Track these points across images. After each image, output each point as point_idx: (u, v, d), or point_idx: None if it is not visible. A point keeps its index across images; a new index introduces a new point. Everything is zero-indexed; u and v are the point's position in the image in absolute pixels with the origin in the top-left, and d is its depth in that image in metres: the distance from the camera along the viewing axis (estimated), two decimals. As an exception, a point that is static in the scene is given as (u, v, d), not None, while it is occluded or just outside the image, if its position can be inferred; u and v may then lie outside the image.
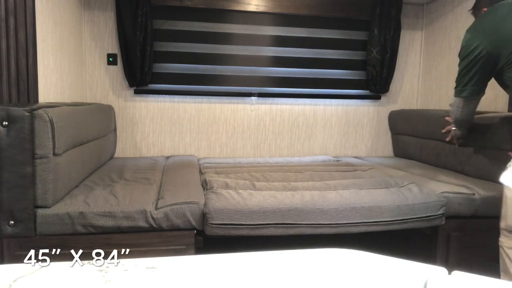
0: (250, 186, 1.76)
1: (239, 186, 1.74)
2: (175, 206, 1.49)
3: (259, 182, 1.84)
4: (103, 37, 2.61)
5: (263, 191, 1.70)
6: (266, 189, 1.73)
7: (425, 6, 2.96)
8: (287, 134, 2.92)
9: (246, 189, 1.71)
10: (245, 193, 1.64)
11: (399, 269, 0.68)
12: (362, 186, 1.82)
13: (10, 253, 1.38)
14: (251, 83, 2.83)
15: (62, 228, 1.41)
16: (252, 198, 1.60)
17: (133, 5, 2.48)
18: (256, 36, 2.79)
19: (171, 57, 2.70)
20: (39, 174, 1.37)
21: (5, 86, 1.57)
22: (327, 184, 1.82)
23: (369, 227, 1.66)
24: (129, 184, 1.74)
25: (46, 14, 1.86)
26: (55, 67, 2.00)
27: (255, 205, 1.57)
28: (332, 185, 1.81)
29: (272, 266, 0.71)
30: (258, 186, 1.76)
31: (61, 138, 1.44)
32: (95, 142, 1.98)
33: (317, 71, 2.90)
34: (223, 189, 1.68)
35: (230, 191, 1.65)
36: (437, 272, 0.65)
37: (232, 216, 1.53)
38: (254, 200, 1.59)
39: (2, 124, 1.30)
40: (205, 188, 1.75)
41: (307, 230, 1.62)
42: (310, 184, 1.83)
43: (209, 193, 1.63)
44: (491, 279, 0.62)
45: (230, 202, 1.56)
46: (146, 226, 1.45)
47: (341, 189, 1.77)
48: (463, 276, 0.63)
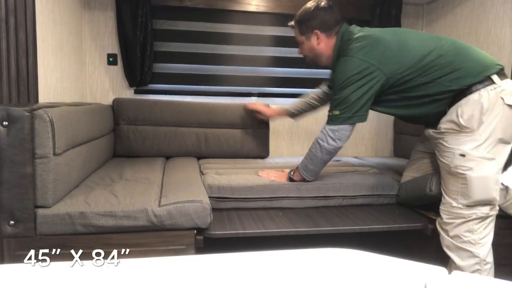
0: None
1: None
2: (178, 204, 1.48)
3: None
4: (103, 37, 2.61)
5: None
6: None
7: (425, 6, 2.95)
8: (287, 134, 2.92)
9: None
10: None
11: (399, 269, 0.68)
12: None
13: (10, 253, 1.38)
14: (251, 83, 2.83)
15: (62, 228, 1.41)
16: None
17: (133, 5, 2.48)
18: (256, 36, 2.79)
19: (171, 57, 2.70)
20: (39, 174, 1.37)
21: (5, 86, 1.57)
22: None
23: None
24: (130, 183, 1.74)
25: (46, 14, 1.86)
26: (55, 67, 2.00)
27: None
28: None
29: (272, 266, 0.71)
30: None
31: (61, 138, 1.44)
32: (95, 142, 1.98)
33: (317, 71, 2.89)
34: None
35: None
36: (437, 272, 0.65)
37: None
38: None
39: (2, 124, 1.30)
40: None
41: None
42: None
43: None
44: (491, 279, 0.62)
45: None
46: (147, 225, 1.45)
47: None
48: (463, 276, 0.63)
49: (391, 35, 1.65)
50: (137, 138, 2.51)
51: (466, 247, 1.52)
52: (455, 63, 1.55)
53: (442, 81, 1.57)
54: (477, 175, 1.49)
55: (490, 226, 1.55)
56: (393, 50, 1.61)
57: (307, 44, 1.84)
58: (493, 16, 2.28)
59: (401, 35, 1.66)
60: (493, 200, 1.51)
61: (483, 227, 1.53)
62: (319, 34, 1.78)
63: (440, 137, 1.61)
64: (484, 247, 1.52)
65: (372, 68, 1.59)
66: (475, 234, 1.52)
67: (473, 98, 1.52)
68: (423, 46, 1.60)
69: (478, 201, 1.51)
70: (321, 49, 1.81)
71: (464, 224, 1.53)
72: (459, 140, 1.54)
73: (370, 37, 1.65)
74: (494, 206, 1.53)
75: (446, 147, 1.58)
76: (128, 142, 2.51)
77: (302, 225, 1.64)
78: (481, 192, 1.50)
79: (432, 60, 1.57)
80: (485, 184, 1.49)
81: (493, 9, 2.28)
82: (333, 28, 1.77)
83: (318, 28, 1.77)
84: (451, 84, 1.55)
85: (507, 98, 1.49)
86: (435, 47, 1.59)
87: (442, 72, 1.56)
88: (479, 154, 1.50)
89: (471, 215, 1.52)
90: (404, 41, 1.63)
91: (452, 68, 1.55)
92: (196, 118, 2.57)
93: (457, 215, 1.55)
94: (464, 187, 1.52)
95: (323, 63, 1.87)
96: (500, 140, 1.50)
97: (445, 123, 1.58)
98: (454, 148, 1.55)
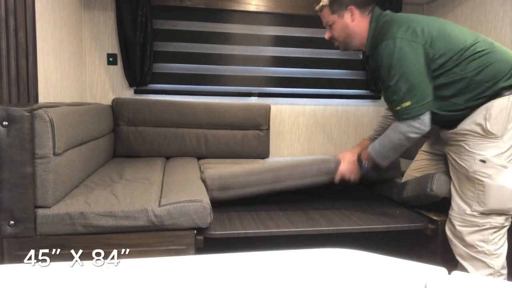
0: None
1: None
2: (179, 204, 1.48)
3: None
4: (103, 37, 2.61)
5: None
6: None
7: (425, 6, 2.96)
8: (287, 134, 2.92)
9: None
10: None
11: (399, 269, 0.68)
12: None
13: (10, 253, 1.38)
14: (251, 83, 2.83)
15: (62, 228, 1.41)
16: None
17: (133, 5, 2.48)
18: (256, 36, 2.79)
19: (171, 57, 2.71)
20: (39, 174, 1.37)
21: (5, 86, 1.57)
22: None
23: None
24: (130, 184, 1.74)
25: (46, 14, 1.86)
26: (55, 67, 2.00)
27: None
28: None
29: (272, 266, 0.71)
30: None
31: (61, 138, 1.44)
32: (95, 142, 1.98)
33: (317, 71, 2.90)
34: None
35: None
36: (437, 272, 0.65)
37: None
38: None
39: (2, 124, 1.30)
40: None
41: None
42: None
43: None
44: (491, 279, 0.62)
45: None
46: (147, 225, 1.45)
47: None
48: (463, 276, 0.63)
49: (431, 21, 1.55)
50: (137, 139, 2.51)
51: (480, 258, 1.47)
52: (492, 63, 1.45)
53: (477, 80, 1.46)
54: (495, 183, 1.43)
55: (505, 237, 1.50)
56: (438, 35, 1.48)
57: (339, 23, 1.67)
58: (493, 16, 2.28)
59: (441, 23, 1.56)
60: (508, 210, 1.47)
61: (498, 237, 1.47)
62: (354, 10, 1.63)
63: (461, 139, 1.52)
64: (499, 259, 1.47)
65: (419, 45, 1.47)
66: (490, 244, 1.47)
67: (502, 103, 1.43)
68: (465, 37, 1.50)
69: (493, 210, 1.45)
70: (355, 28, 1.65)
71: (478, 233, 1.48)
72: (482, 145, 1.46)
73: (412, 20, 1.53)
74: (508, 216, 1.49)
75: (468, 150, 1.49)
76: (128, 143, 2.51)
77: (302, 225, 1.64)
78: (498, 201, 1.45)
79: (472, 54, 1.46)
80: (503, 194, 1.44)
81: (493, 9, 2.28)
82: (367, 6, 1.64)
83: (352, 3, 1.63)
84: (484, 85, 1.46)
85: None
86: (475, 40, 1.48)
87: (478, 70, 1.46)
88: (500, 162, 1.43)
89: (486, 224, 1.47)
90: (445, 29, 1.51)
91: (490, 68, 1.45)
92: (196, 119, 2.57)
93: (471, 222, 1.49)
94: (481, 194, 1.46)
95: (354, 44, 1.71)
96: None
97: (469, 124, 1.48)
98: (475, 152, 1.47)
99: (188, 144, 2.57)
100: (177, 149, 2.56)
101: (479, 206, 1.47)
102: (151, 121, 2.52)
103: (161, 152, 2.55)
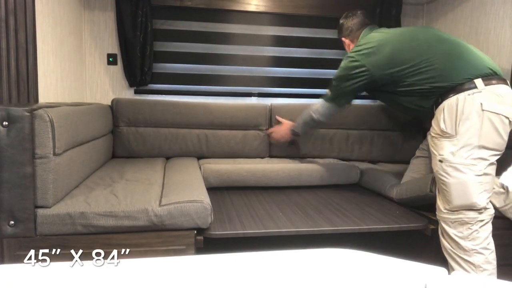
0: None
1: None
2: (179, 204, 1.48)
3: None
4: (103, 37, 2.61)
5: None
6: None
7: (425, 6, 2.95)
8: (287, 134, 2.91)
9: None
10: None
11: (399, 269, 0.68)
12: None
13: (10, 253, 1.38)
14: (251, 83, 2.83)
15: (63, 228, 1.41)
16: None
17: (133, 5, 2.48)
18: (256, 36, 2.79)
19: (171, 57, 2.70)
20: (39, 174, 1.37)
21: (5, 86, 1.57)
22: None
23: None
24: (130, 184, 1.74)
25: (46, 14, 1.86)
26: (55, 67, 2.00)
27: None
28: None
29: (272, 266, 0.71)
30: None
31: (61, 138, 1.44)
32: (95, 142, 1.98)
33: (317, 71, 2.89)
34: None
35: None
36: (437, 272, 0.65)
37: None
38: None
39: (2, 124, 1.30)
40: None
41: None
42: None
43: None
44: (491, 279, 0.62)
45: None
46: (148, 225, 1.45)
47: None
48: (463, 276, 0.63)
49: (393, 42, 1.78)
50: (137, 140, 2.51)
51: (460, 254, 1.51)
52: (439, 70, 1.62)
53: (424, 83, 1.66)
54: (454, 181, 1.50)
55: (485, 233, 1.51)
56: (386, 58, 1.75)
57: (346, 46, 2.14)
58: (493, 16, 2.28)
59: (401, 44, 1.76)
60: (474, 205, 1.48)
61: (475, 233, 1.50)
62: (345, 40, 2.11)
63: (430, 142, 1.64)
64: (480, 255, 1.48)
65: (362, 68, 1.81)
66: (467, 241, 1.50)
67: (451, 102, 1.55)
68: (416, 56, 1.69)
69: (459, 206, 1.51)
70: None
71: (455, 229, 1.53)
72: (441, 145, 1.56)
73: (373, 42, 1.82)
74: (480, 210, 1.50)
75: (432, 152, 1.61)
76: (128, 145, 2.50)
77: (302, 225, 1.64)
78: (461, 198, 1.49)
79: (417, 69, 1.67)
80: (464, 190, 1.48)
81: (493, 9, 2.28)
82: (355, 32, 2.02)
83: (344, 36, 2.10)
84: (428, 85, 1.65)
85: (486, 104, 1.47)
86: (428, 57, 1.66)
87: (424, 78, 1.66)
88: (456, 160, 1.50)
89: (457, 220, 1.52)
90: (399, 50, 1.74)
91: (435, 73, 1.63)
92: (197, 120, 2.57)
93: (444, 219, 1.56)
94: (446, 192, 1.53)
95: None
96: (481, 147, 1.48)
97: (432, 125, 1.63)
98: (436, 153, 1.58)
99: (189, 144, 2.57)
100: (178, 150, 2.56)
101: (447, 204, 1.55)
102: (151, 121, 2.51)
103: (161, 152, 2.54)
